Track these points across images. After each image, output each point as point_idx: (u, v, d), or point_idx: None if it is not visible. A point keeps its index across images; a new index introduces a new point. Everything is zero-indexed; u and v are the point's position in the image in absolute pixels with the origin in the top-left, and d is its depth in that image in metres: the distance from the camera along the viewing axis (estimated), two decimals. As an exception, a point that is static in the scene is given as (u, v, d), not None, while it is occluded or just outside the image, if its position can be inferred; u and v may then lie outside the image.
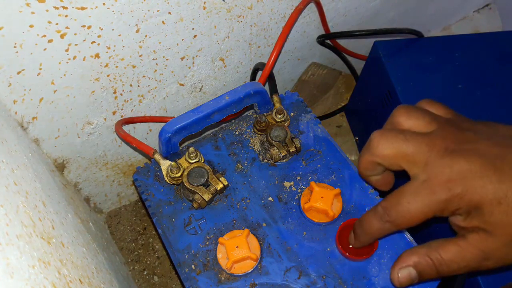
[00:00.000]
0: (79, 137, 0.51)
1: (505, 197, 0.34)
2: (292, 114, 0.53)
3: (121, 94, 0.49)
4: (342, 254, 0.45)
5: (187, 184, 0.46)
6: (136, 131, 0.57)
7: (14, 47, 0.37)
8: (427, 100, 0.42)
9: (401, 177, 0.39)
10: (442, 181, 0.36)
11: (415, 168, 0.37)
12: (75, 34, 0.39)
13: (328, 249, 0.46)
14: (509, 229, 0.35)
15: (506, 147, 0.36)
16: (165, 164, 0.47)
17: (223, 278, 0.44)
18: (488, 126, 0.38)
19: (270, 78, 0.54)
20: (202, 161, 0.47)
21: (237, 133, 0.52)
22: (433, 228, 0.54)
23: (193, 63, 0.52)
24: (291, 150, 0.49)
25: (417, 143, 0.37)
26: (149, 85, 0.50)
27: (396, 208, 0.37)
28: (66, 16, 0.37)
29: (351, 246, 0.44)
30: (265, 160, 0.50)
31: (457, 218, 0.37)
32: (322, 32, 0.61)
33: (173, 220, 0.47)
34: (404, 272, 0.39)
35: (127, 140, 0.49)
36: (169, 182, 0.47)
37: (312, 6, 0.56)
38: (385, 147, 0.38)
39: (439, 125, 0.39)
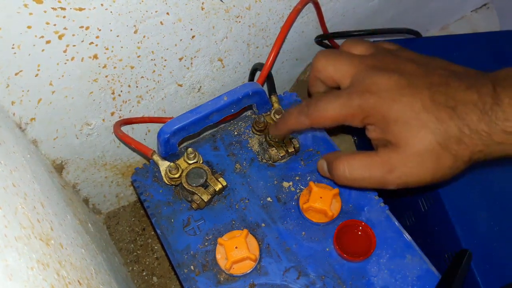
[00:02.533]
0: (77, 138, 0.51)
1: (412, 112, 0.36)
2: (290, 114, 0.53)
3: (119, 95, 0.49)
4: (340, 255, 0.45)
5: (186, 185, 0.46)
6: (135, 131, 0.57)
7: (12, 48, 0.37)
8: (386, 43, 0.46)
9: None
10: (360, 90, 0.38)
11: (344, 80, 0.40)
12: (73, 35, 0.39)
13: (327, 249, 0.46)
14: (413, 144, 0.36)
15: (429, 69, 0.38)
16: (163, 165, 0.47)
17: (222, 279, 0.44)
18: (425, 57, 0.40)
19: (269, 79, 0.54)
20: (201, 162, 0.47)
21: (235, 133, 0.52)
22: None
23: (192, 63, 0.52)
24: (289, 151, 0.49)
25: (350, 60, 0.41)
26: (147, 86, 0.50)
27: (315, 105, 0.40)
28: (64, 17, 0.37)
29: (274, 137, 0.48)
30: (264, 161, 0.50)
31: (369, 130, 0.39)
32: (320, 32, 0.61)
33: (172, 220, 0.47)
34: (320, 162, 0.45)
35: (126, 141, 0.49)
36: (167, 183, 0.47)
37: (310, 6, 0.56)
38: (322, 62, 0.42)
39: (377, 50, 0.42)
